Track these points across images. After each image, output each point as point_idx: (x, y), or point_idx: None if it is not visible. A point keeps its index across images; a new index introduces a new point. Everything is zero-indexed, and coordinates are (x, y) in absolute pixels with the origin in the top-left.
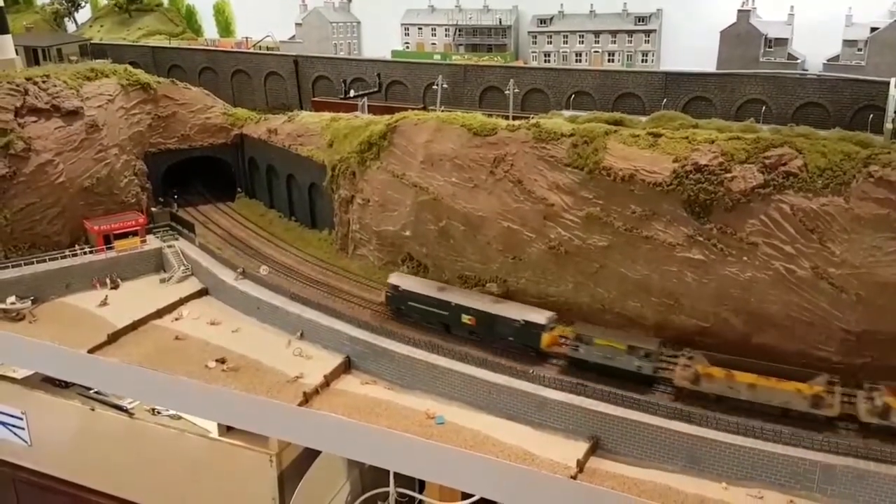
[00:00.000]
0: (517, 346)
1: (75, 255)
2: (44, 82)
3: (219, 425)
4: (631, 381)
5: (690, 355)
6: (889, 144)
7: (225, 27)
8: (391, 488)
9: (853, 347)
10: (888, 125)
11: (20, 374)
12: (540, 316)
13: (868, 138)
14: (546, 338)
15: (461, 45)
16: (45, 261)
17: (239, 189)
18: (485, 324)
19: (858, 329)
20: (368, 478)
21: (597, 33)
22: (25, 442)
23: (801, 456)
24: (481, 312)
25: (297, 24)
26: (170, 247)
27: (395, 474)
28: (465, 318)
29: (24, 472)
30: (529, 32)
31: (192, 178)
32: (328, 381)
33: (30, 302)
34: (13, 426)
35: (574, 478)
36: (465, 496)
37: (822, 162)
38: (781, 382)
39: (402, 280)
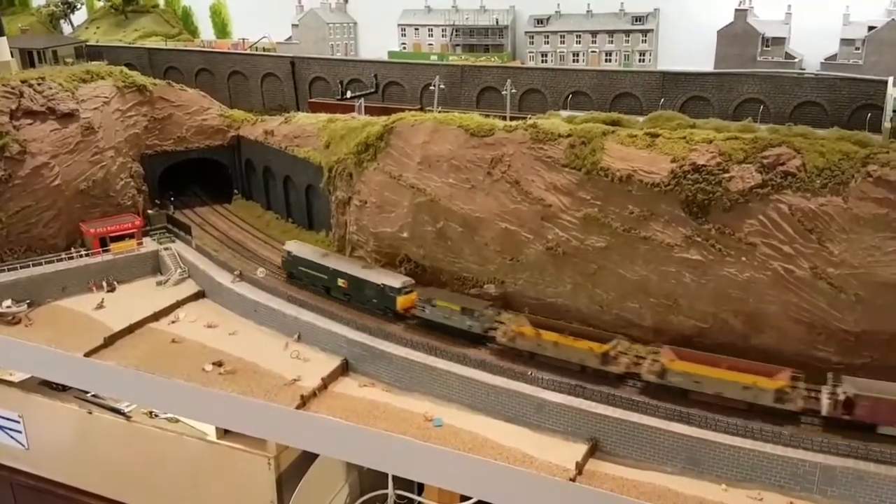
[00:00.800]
0: (380, 307)
1: (71, 258)
2: (39, 84)
3: (217, 428)
4: (465, 338)
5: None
6: (887, 143)
7: (221, 28)
8: (390, 491)
9: (852, 347)
10: (886, 124)
11: (17, 377)
12: (396, 280)
13: (866, 137)
14: (400, 300)
15: (458, 45)
16: (40, 264)
17: (236, 191)
18: (355, 287)
19: (858, 329)
20: (367, 480)
21: (594, 33)
22: (22, 445)
23: (800, 457)
24: (351, 277)
25: (294, 26)
26: (166, 249)
27: (394, 477)
28: (340, 282)
29: (22, 476)
30: (526, 33)
31: (189, 181)
32: (326, 383)
33: (26, 305)
34: (10, 430)
35: (573, 480)
36: (464, 499)
37: (821, 161)
38: (578, 341)
39: (295, 247)
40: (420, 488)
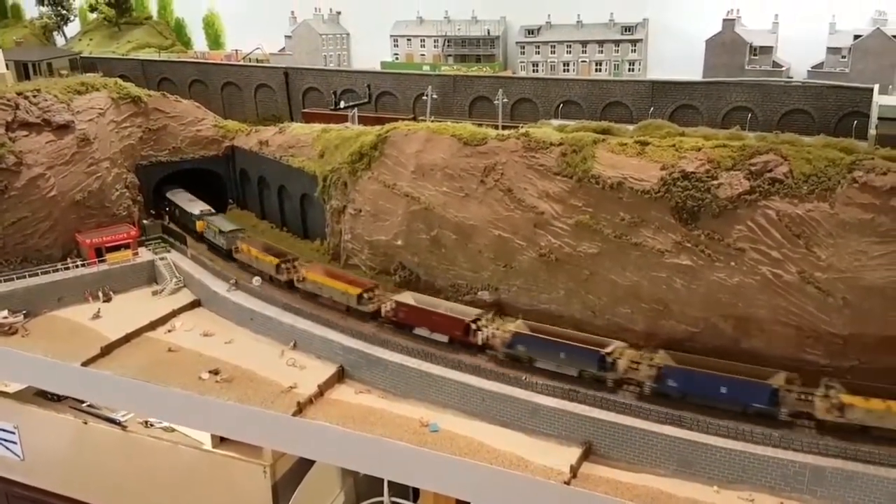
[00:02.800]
0: (193, 232)
1: (67, 268)
2: (34, 96)
3: (212, 437)
4: (219, 254)
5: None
6: (873, 150)
7: (214, 40)
8: (385, 497)
9: (840, 350)
10: (872, 131)
11: (12, 388)
12: (195, 207)
13: (852, 144)
14: (198, 224)
15: (450, 55)
16: (37, 274)
17: (230, 200)
18: (184, 219)
19: (845, 332)
20: (362, 488)
21: (584, 43)
22: (18, 456)
23: (790, 458)
24: (181, 209)
25: (287, 37)
26: (162, 259)
27: (389, 484)
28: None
29: (17, 487)
30: (517, 43)
31: (184, 190)
32: (322, 390)
33: (22, 316)
34: (5, 440)
35: (567, 483)
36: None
37: (808, 168)
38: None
39: (172, 195)
40: (415, 495)
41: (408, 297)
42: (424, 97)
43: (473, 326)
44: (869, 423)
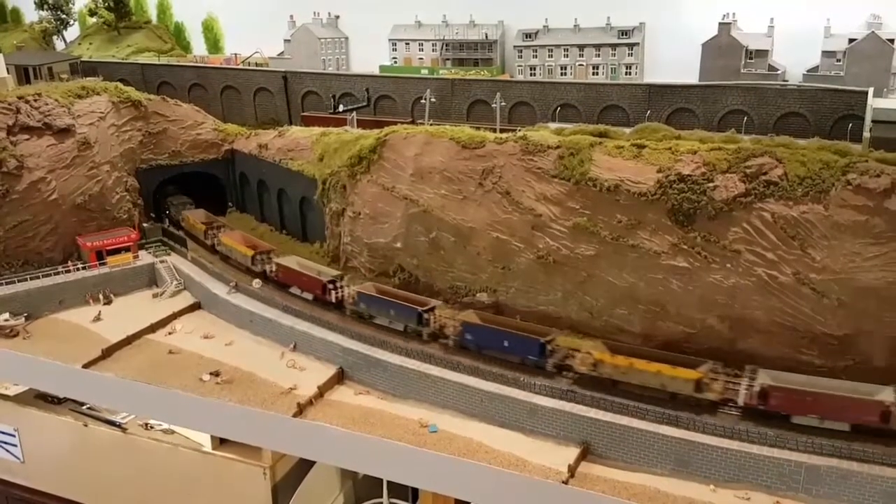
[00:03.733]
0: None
1: (68, 271)
2: (35, 101)
3: (212, 438)
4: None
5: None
6: (867, 153)
7: (214, 44)
8: (384, 498)
9: (836, 351)
10: (867, 134)
11: (12, 390)
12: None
13: (846, 147)
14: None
15: (448, 59)
16: (38, 277)
17: (230, 204)
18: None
19: (840, 333)
20: (362, 489)
21: (581, 47)
22: (18, 459)
23: (786, 458)
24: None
25: (286, 41)
26: (162, 262)
27: (389, 485)
28: None
29: (17, 490)
30: (515, 47)
31: (184, 194)
32: (322, 391)
33: (23, 318)
34: (6, 443)
35: (565, 483)
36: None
37: (802, 171)
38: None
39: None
40: (414, 496)
41: (291, 261)
42: (423, 101)
43: (330, 286)
44: (616, 377)
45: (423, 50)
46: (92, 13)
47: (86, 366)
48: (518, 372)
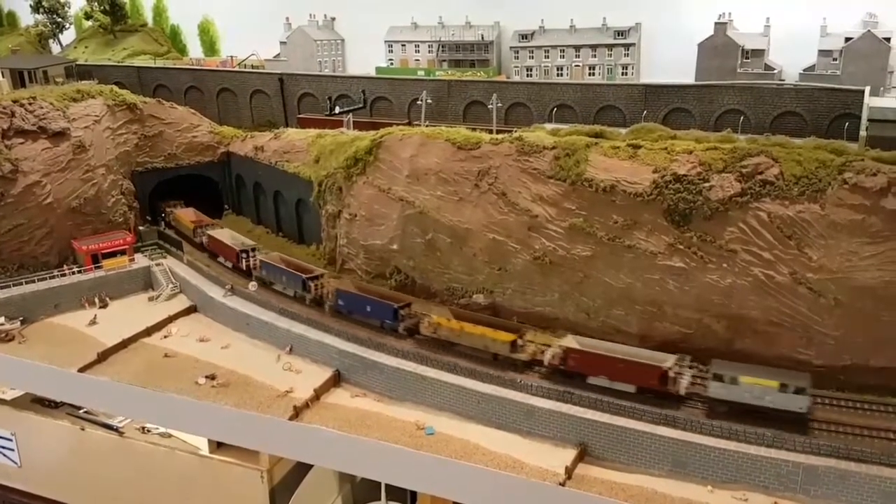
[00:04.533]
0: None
1: (64, 275)
2: (30, 104)
3: (209, 442)
4: None
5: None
6: (863, 151)
7: (210, 46)
8: (383, 501)
9: (833, 350)
10: (863, 133)
11: (9, 395)
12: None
13: (842, 146)
14: None
15: (444, 60)
16: (33, 281)
17: (226, 206)
18: None
19: (837, 332)
20: (360, 492)
21: (577, 47)
22: (15, 463)
23: (783, 458)
24: None
25: (282, 43)
26: (158, 265)
27: (387, 487)
28: None
29: (15, 494)
30: (511, 48)
31: (180, 197)
32: (318, 394)
33: (19, 322)
34: (3, 447)
35: (563, 485)
36: None
37: (798, 170)
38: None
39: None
40: (413, 498)
41: (222, 234)
42: (419, 102)
43: (242, 255)
44: (452, 339)
45: (419, 51)
46: (88, 17)
47: (81, 370)
48: (377, 335)
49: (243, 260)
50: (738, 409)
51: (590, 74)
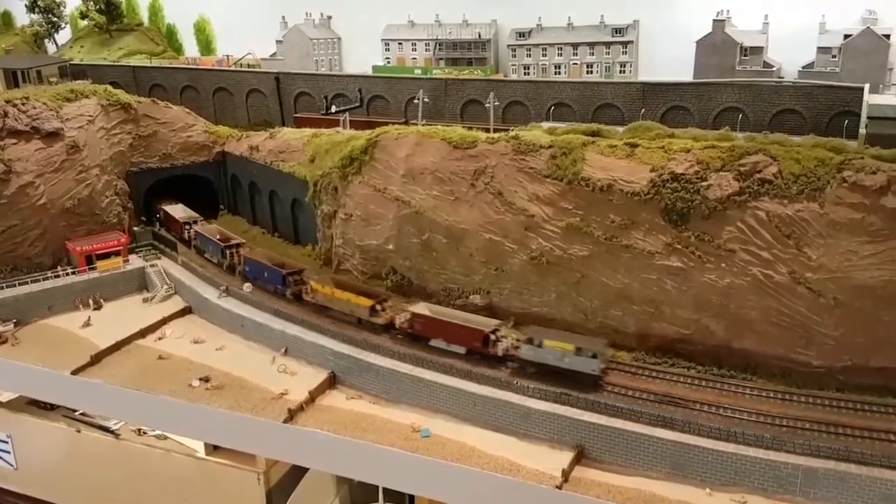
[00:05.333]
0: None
1: (58, 276)
2: (23, 104)
3: (206, 444)
4: None
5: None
6: (862, 149)
7: (206, 45)
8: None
9: (832, 350)
10: (863, 130)
11: (4, 397)
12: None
13: (841, 144)
14: None
15: (441, 59)
16: (27, 283)
17: (222, 206)
18: None
19: (837, 332)
20: (358, 494)
21: (575, 45)
22: (11, 465)
23: (783, 460)
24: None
25: (278, 42)
26: (152, 266)
27: (385, 490)
28: None
29: (10, 497)
30: (509, 46)
31: (175, 197)
32: (313, 396)
33: (12, 324)
34: None
35: (559, 487)
36: None
37: (797, 168)
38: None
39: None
40: (411, 500)
41: (175, 209)
42: (416, 101)
43: (186, 227)
44: (326, 303)
45: (416, 50)
46: (83, 16)
47: (75, 372)
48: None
49: (186, 231)
50: (545, 369)
51: (588, 72)
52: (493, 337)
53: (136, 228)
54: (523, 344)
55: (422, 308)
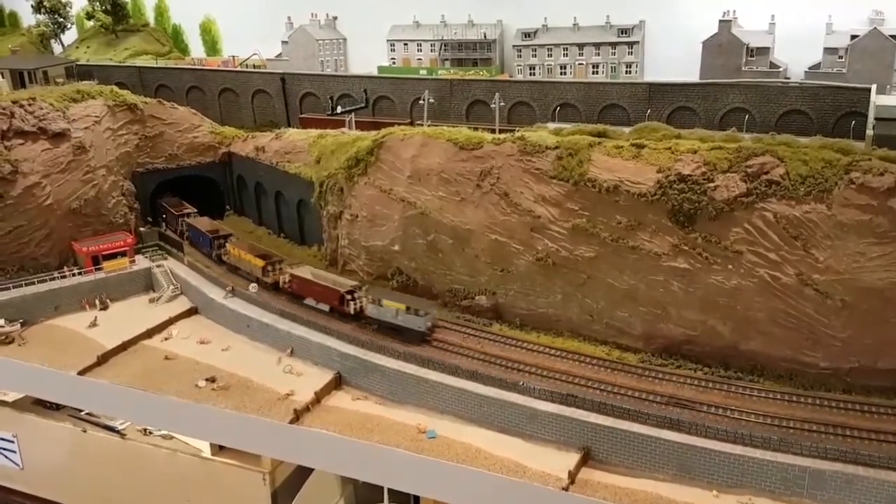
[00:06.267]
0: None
1: (64, 276)
2: (30, 105)
3: (211, 444)
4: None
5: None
6: (870, 151)
7: (212, 46)
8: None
9: (840, 352)
10: (870, 131)
11: (11, 396)
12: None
13: (849, 145)
14: None
15: (447, 59)
16: (33, 283)
17: (228, 207)
18: None
19: (844, 334)
20: (363, 494)
21: (581, 46)
22: (17, 465)
23: (790, 462)
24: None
25: (284, 42)
26: (158, 266)
27: (390, 490)
28: None
29: (17, 496)
30: (514, 46)
31: (181, 197)
32: (319, 397)
33: (19, 324)
34: (4, 450)
35: (566, 489)
36: None
37: (804, 169)
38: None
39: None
40: (416, 502)
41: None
42: (421, 101)
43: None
44: (236, 264)
45: (421, 50)
46: (89, 17)
47: (81, 372)
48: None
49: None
50: (385, 325)
51: (593, 73)
52: (347, 297)
53: (142, 229)
54: (369, 304)
55: (302, 271)
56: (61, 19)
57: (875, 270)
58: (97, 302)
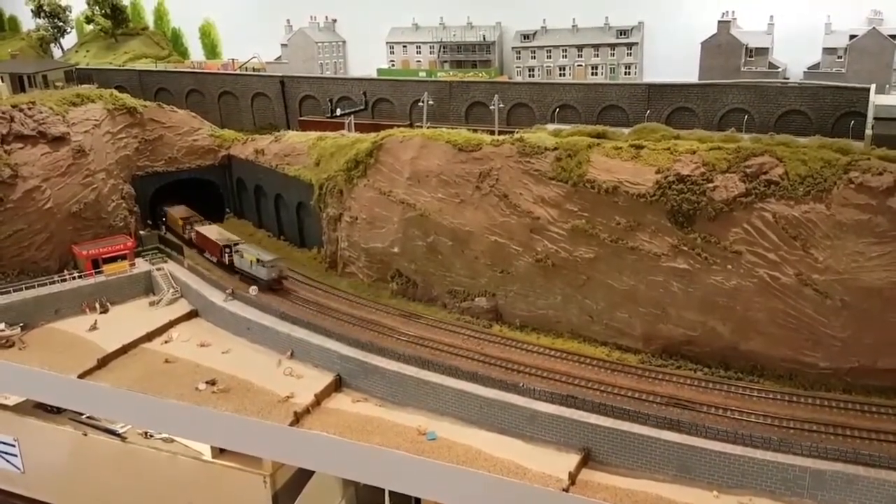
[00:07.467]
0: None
1: (64, 280)
2: (30, 109)
3: (212, 447)
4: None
5: None
6: (868, 150)
7: (211, 49)
8: None
9: (839, 352)
10: (869, 131)
11: (11, 400)
12: None
13: (848, 145)
14: None
15: (446, 61)
16: (34, 286)
17: (227, 209)
18: None
19: (844, 334)
20: (364, 497)
21: (580, 47)
22: (18, 469)
23: (790, 462)
24: None
25: (283, 45)
26: (159, 269)
27: (391, 493)
28: None
29: (18, 500)
30: (513, 48)
31: (181, 200)
32: (319, 399)
33: (19, 328)
34: (5, 453)
35: (566, 490)
36: None
37: (803, 169)
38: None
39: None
40: (417, 502)
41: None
42: (421, 103)
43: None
44: (175, 228)
45: (420, 52)
46: (89, 21)
47: (81, 376)
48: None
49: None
50: (245, 275)
51: (592, 74)
52: (226, 251)
53: (142, 232)
54: (237, 256)
55: (207, 230)
56: (61, 23)
57: (874, 270)
58: (97, 305)
